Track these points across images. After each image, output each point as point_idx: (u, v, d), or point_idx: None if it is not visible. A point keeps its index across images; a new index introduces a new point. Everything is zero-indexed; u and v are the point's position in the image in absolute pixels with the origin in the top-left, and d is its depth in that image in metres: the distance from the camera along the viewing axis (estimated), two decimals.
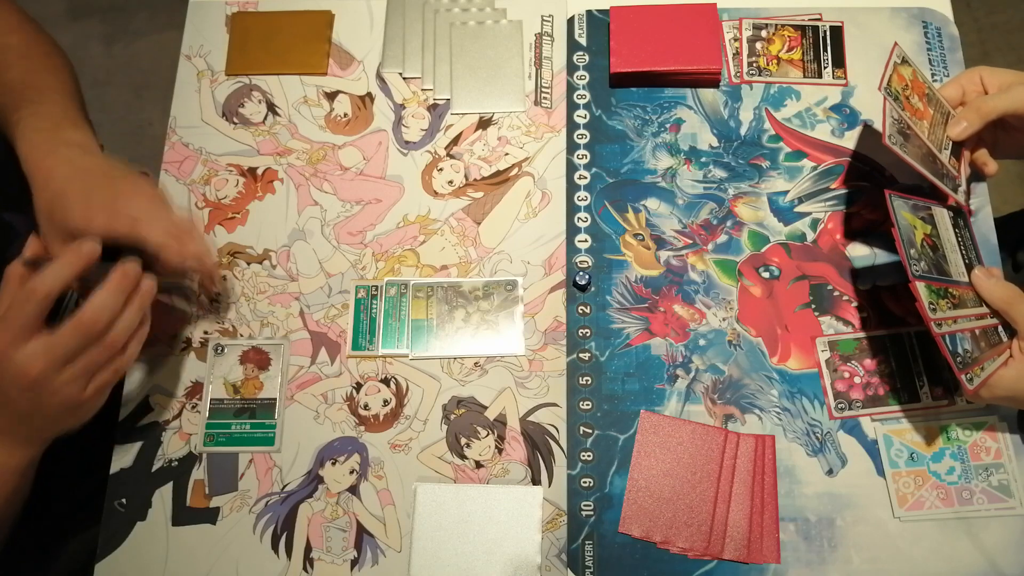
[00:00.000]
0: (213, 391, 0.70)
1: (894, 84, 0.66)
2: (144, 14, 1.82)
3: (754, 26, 0.80)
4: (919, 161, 0.64)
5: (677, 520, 0.65)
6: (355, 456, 0.68)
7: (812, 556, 0.64)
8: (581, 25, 0.81)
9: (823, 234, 0.73)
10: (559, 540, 0.66)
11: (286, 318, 0.73)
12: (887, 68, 0.66)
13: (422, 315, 0.72)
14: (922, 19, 0.80)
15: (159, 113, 1.71)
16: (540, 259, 0.74)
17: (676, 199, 0.75)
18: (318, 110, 0.80)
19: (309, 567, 0.66)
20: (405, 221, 0.76)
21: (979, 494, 0.65)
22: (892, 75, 0.66)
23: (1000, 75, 0.68)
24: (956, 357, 0.59)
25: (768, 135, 0.77)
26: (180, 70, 0.82)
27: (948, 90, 0.70)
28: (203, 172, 0.78)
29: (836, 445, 0.67)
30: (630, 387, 0.69)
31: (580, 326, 0.71)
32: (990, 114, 0.67)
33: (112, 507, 0.68)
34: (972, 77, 0.69)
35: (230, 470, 0.68)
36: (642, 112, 0.78)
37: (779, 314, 0.71)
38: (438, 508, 0.66)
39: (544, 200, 0.76)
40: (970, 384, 0.60)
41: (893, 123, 0.64)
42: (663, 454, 0.67)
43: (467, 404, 0.70)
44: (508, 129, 0.78)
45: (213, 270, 0.68)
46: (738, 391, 0.69)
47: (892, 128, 0.63)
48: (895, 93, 0.66)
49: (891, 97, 0.65)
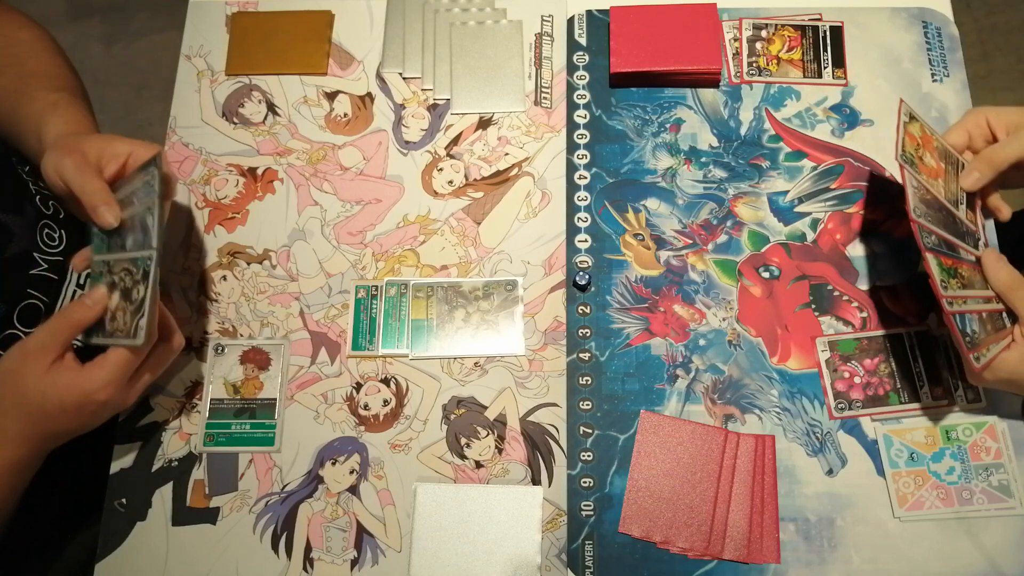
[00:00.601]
0: (213, 391, 0.70)
1: (907, 148, 0.64)
2: (144, 14, 1.82)
3: (754, 26, 0.80)
4: (941, 227, 0.63)
5: (677, 520, 0.65)
6: (355, 456, 0.68)
7: (812, 556, 0.64)
8: (581, 25, 0.81)
9: (823, 234, 0.73)
10: (559, 540, 0.66)
11: (286, 318, 0.73)
12: (898, 132, 0.64)
13: (422, 315, 0.72)
14: (922, 19, 0.80)
15: (159, 113, 1.71)
16: (540, 259, 0.74)
17: (676, 199, 0.75)
18: (318, 110, 0.80)
19: (309, 567, 0.66)
20: (405, 221, 0.76)
21: (979, 494, 0.65)
22: (904, 138, 0.64)
23: (1006, 115, 0.67)
24: (965, 337, 0.60)
25: (768, 135, 0.77)
26: (180, 70, 0.82)
27: (954, 137, 0.68)
28: (203, 172, 0.78)
29: (836, 445, 0.67)
30: (630, 387, 0.69)
31: (580, 326, 0.71)
32: (1002, 164, 0.65)
33: (112, 507, 0.68)
34: (977, 120, 0.68)
35: (230, 470, 0.68)
36: (642, 112, 0.78)
37: (779, 314, 0.71)
38: (438, 508, 0.66)
39: (544, 200, 0.76)
40: (977, 363, 0.60)
41: (915, 192, 0.62)
42: (663, 454, 0.67)
43: (467, 404, 0.70)
44: (508, 129, 0.78)
45: None
46: (738, 391, 0.69)
47: (915, 199, 0.61)
48: (910, 158, 0.63)
49: (908, 164, 0.62)
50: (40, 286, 0.69)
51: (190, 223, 0.76)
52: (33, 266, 0.69)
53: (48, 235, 0.72)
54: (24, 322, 0.67)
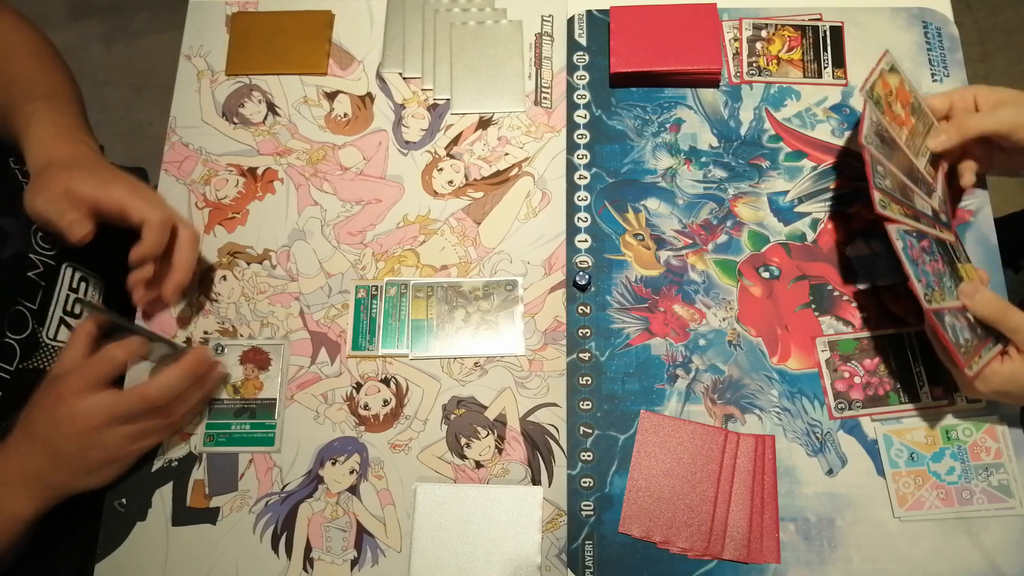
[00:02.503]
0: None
1: (877, 89, 0.67)
2: (144, 14, 1.82)
3: (754, 26, 0.80)
4: (893, 162, 0.65)
5: (677, 520, 0.65)
6: (355, 456, 0.68)
7: (812, 556, 0.64)
8: (581, 25, 0.81)
9: (823, 234, 0.73)
10: (559, 540, 0.66)
11: (286, 318, 0.73)
12: (872, 73, 0.67)
13: (422, 315, 0.72)
14: (922, 19, 0.80)
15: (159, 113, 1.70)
16: (540, 259, 0.74)
17: (676, 199, 0.75)
18: (318, 110, 0.80)
19: (309, 567, 0.66)
20: (405, 221, 0.76)
21: (979, 494, 0.65)
22: (877, 80, 0.67)
23: (995, 93, 0.68)
24: (959, 348, 0.60)
25: (768, 135, 0.77)
26: (180, 70, 0.82)
27: (936, 100, 0.70)
28: (203, 172, 0.78)
29: (836, 445, 0.67)
30: (630, 387, 0.69)
31: (580, 326, 0.71)
32: (969, 132, 0.67)
33: (112, 507, 0.68)
34: (964, 94, 0.69)
35: (230, 470, 0.68)
36: (642, 112, 0.78)
37: (779, 314, 0.71)
38: (438, 508, 0.66)
39: (544, 200, 0.76)
40: (970, 371, 0.60)
41: (871, 125, 0.65)
42: (663, 454, 0.67)
43: (467, 404, 0.70)
44: (508, 129, 0.78)
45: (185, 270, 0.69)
46: (738, 391, 0.69)
47: (870, 130, 0.64)
48: (877, 98, 0.66)
49: (872, 100, 0.66)
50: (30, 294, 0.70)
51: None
52: (29, 268, 0.69)
53: (43, 236, 0.72)
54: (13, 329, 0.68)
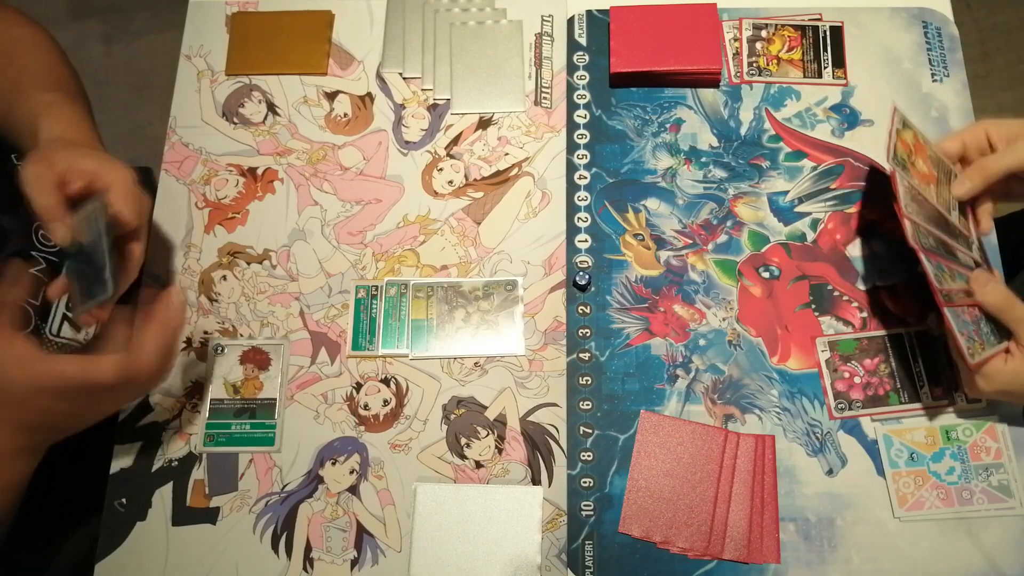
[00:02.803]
0: (213, 391, 0.70)
1: (899, 152, 0.64)
2: (144, 14, 1.82)
3: (754, 26, 0.80)
4: (934, 225, 0.63)
5: (677, 520, 0.65)
6: (355, 456, 0.68)
7: (812, 556, 0.64)
8: (581, 25, 0.81)
9: (823, 234, 0.73)
10: (559, 540, 0.66)
11: (286, 318, 0.73)
12: (890, 136, 0.65)
13: (422, 315, 0.72)
14: (922, 19, 0.80)
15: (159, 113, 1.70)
16: (540, 259, 0.74)
17: (676, 199, 0.75)
18: (318, 110, 0.80)
19: (309, 567, 0.66)
20: (405, 221, 0.76)
21: (979, 494, 0.65)
22: (896, 143, 0.65)
23: (1006, 127, 0.66)
24: (963, 338, 0.60)
25: (768, 135, 0.77)
26: (180, 70, 0.82)
27: (949, 144, 0.68)
28: (203, 172, 0.78)
29: (836, 445, 0.67)
30: (630, 387, 0.69)
31: (580, 326, 0.71)
32: (993, 175, 0.65)
33: (112, 507, 0.68)
34: (976, 132, 0.67)
35: (230, 470, 0.68)
36: (642, 112, 0.78)
37: (779, 314, 0.71)
38: (438, 508, 0.66)
39: (544, 200, 0.76)
40: (972, 359, 0.60)
41: (907, 191, 0.63)
42: (663, 454, 0.67)
43: (467, 404, 0.70)
44: (508, 129, 0.78)
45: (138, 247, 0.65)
46: (738, 391, 0.69)
47: (906, 197, 0.62)
48: (902, 161, 0.64)
49: (899, 167, 0.63)
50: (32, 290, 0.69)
51: (190, 223, 0.76)
52: (31, 264, 0.70)
53: (44, 234, 0.72)
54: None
